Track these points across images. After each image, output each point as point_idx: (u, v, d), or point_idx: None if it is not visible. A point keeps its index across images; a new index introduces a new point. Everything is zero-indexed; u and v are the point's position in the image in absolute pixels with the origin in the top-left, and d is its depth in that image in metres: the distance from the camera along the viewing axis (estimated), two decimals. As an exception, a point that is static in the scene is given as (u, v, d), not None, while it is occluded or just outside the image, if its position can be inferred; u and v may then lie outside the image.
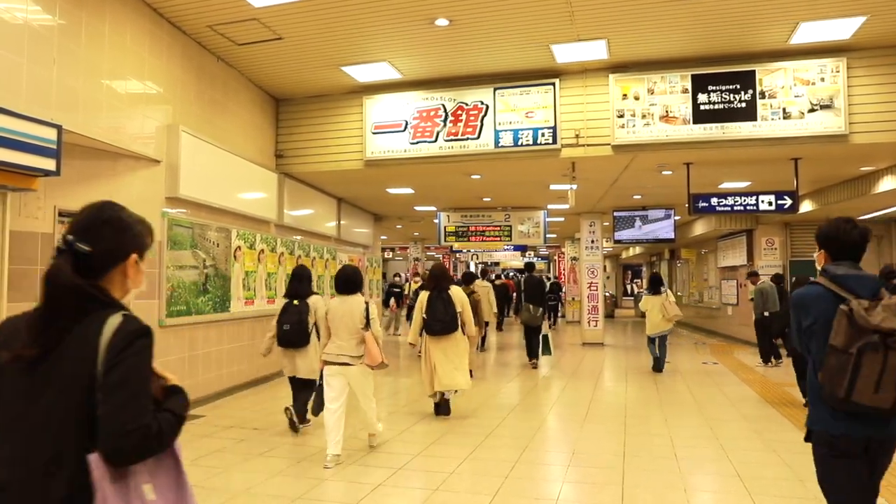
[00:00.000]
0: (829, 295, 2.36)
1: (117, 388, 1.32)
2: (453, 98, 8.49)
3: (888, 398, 2.21)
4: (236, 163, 8.07)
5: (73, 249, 1.44)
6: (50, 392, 1.34)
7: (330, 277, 11.41)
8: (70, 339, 1.37)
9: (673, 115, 7.83)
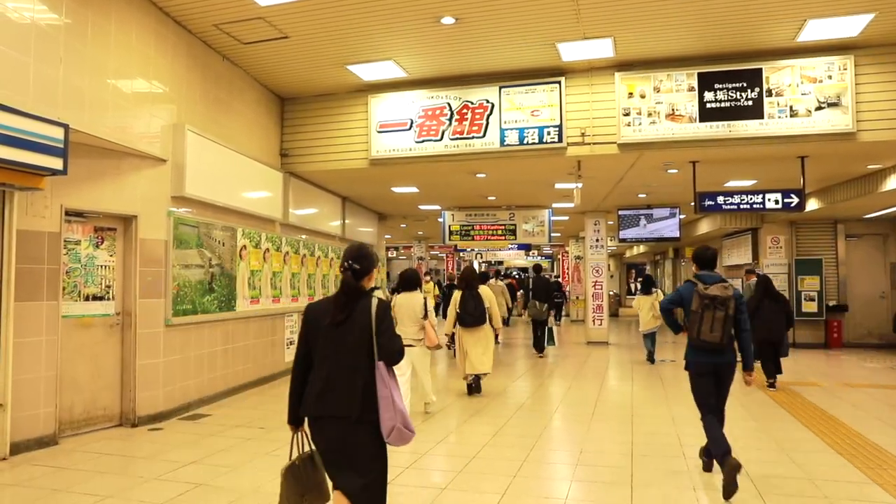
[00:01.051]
0: (692, 286, 4.51)
1: (385, 332, 2.74)
2: (459, 97, 8.47)
3: (717, 336, 4.30)
4: (242, 162, 8.06)
5: (352, 267, 2.83)
6: (351, 336, 2.73)
7: (335, 276, 11.41)
8: (357, 310, 2.76)
9: (679, 114, 7.81)
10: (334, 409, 2.71)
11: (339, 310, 2.76)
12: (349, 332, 2.73)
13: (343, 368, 2.72)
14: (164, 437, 5.68)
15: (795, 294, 13.23)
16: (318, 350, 2.78)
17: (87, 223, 5.89)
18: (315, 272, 10.47)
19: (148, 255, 6.29)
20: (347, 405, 2.69)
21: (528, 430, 6.01)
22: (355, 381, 2.70)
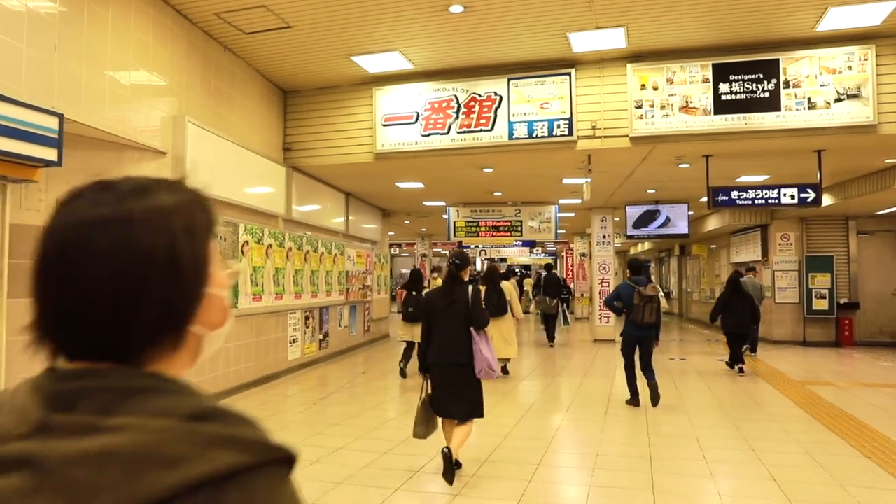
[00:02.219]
0: (630, 285, 6.87)
1: (476, 308, 4.33)
2: (466, 89, 8.26)
3: (652, 319, 6.73)
4: (243, 155, 7.86)
5: (454, 263, 4.46)
6: (455, 312, 4.33)
7: (338, 273, 11.23)
8: (459, 294, 4.39)
9: (693, 106, 7.59)
10: (449, 360, 4.37)
11: (449, 292, 4.49)
12: (455, 309, 4.40)
13: (452, 332, 4.38)
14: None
15: (806, 292, 13.02)
16: (435, 322, 4.47)
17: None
18: (318, 269, 10.27)
19: (147, 251, 6.09)
20: (457, 356, 4.33)
21: (539, 433, 5.82)
22: (459, 340, 4.35)
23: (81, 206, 0.63)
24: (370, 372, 9.67)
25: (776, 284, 13.40)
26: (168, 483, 0.50)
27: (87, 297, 0.60)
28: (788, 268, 13.39)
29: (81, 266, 0.60)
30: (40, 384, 0.60)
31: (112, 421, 0.54)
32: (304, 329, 9.67)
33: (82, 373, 0.59)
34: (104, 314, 0.60)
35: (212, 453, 0.53)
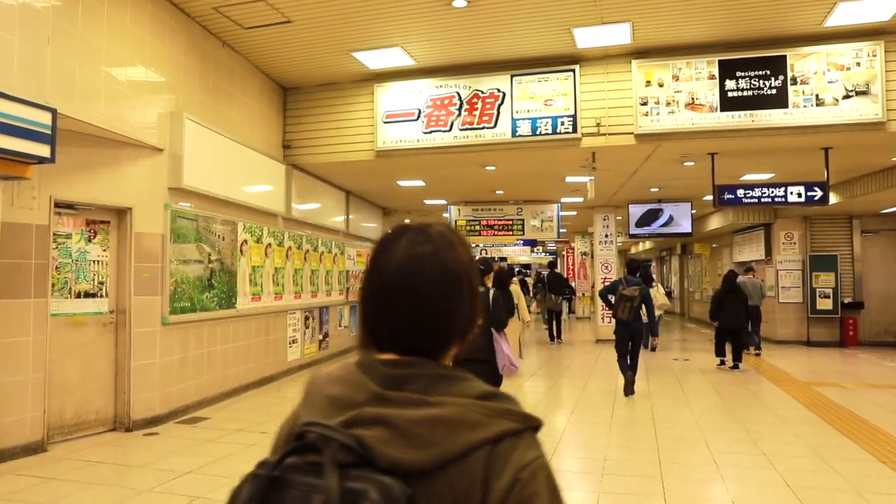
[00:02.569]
0: (620, 282, 7.76)
1: (497, 310, 4.70)
2: (468, 85, 8.13)
3: (625, 316, 7.47)
4: (243, 153, 7.73)
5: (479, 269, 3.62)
6: None
7: (339, 272, 11.10)
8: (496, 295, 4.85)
9: (699, 103, 7.46)
10: (472, 355, 4.27)
11: None
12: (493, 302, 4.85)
13: None
14: (159, 443, 5.36)
15: (810, 291, 12.91)
16: None
17: (79, 216, 5.56)
18: (318, 268, 10.15)
19: (143, 250, 5.96)
20: (482, 352, 4.58)
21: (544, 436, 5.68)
22: (481, 339, 4.55)
23: (407, 245, 0.89)
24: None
25: (780, 284, 13.29)
26: (472, 440, 0.76)
27: (420, 311, 0.86)
28: (792, 267, 13.28)
29: (416, 286, 0.86)
30: (371, 367, 0.84)
31: (433, 399, 0.79)
32: (303, 329, 9.54)
33: (403, 363, 0.85)
34: (430, 326, 0.87)
35: (496, 421, 0.79)
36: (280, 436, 0.89)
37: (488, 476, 0.76)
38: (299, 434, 0.78)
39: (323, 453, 0.74)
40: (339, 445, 0.75)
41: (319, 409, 0.83)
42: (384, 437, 0.76)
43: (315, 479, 0.74)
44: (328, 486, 0.71)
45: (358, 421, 0.77)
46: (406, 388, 0.81)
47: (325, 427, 0.76)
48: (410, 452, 0.75)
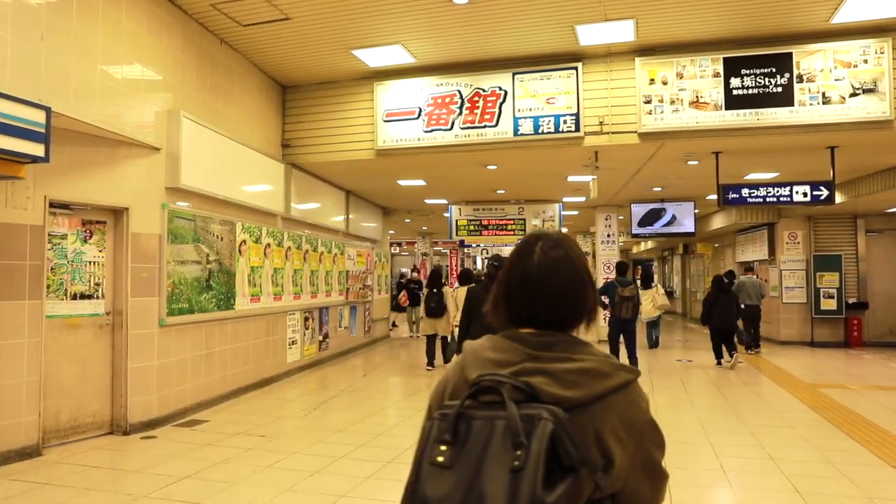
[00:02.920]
0: (615, 284, 8.64)
1: None
2: (470, 84, 8.03)
3: (628, 315, 8.46)
4: (241, 152, 7.64)
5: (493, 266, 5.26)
6: None
7: (338, 273, 11.02)
8: None
9: (704, 101, 7.37)
10: None
11: (487, 289, 4.76)
12: None
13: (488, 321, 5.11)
14: (157, 447, 5.27)
15: (814, 291, 12.80)
16: (475, 313, 5.18)
17: (74, 216, 5.47)
18: (318, 268, 10.06)
19: (140, 251, 5.88)
20: None
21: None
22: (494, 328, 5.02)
23: (543, 251, 1.20)
24: (372, 374, 9.46)
25: (783, 284, 13.20)
26: (608, 385, 1.06)
27: (558, 297, 1.17)
28: (796, 267, 13.18)
29: (556, 281, 1.18)
30: (520, 338, 1.16)
31: (575, 356, 1.09)
32: (303, 330, 9.45)
33: (545, 334, 1.16)
34: (564, 307, 1.18)
35: (619, 373, 1.09)
36: (439, 392, 1.25)
37: (622, 411, 1.09)
38: (475, 382, 1.09)
39: (499, 393, 1.05)
40: (512, 387, 1.06)
41: (482, 367, 1.14)
42: (545, 382, 1.07)
43: (493, 411, 1.04)
44: (510, 413, 1.01)
45: (522, 372, 1.10)
46: (552, 350, 1.14)
47: (500, 376, 1.08)
48: (566, 391, 1.06)
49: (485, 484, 0.98)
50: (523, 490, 0.95)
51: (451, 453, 1.03)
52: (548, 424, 0.99)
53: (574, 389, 1.06)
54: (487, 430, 1.03)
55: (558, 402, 1.04)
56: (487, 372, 1.10)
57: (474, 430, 1.04)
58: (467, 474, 1.00)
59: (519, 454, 0.98)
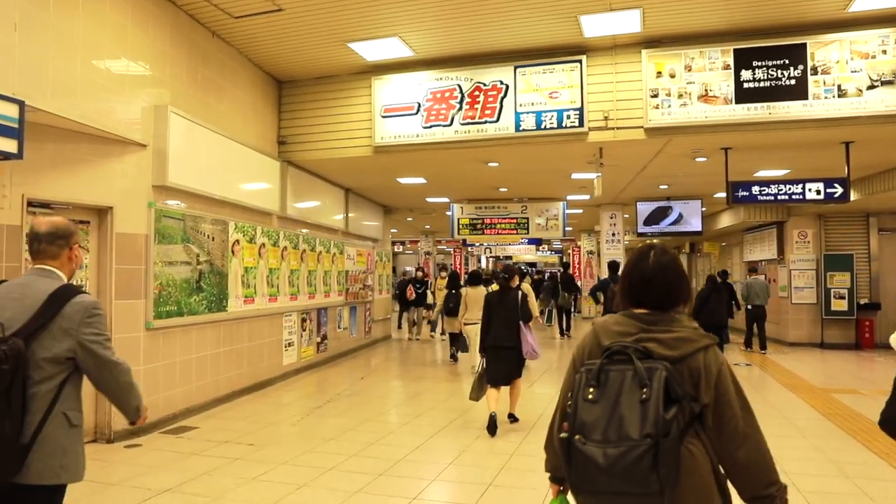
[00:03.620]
0: (608, 282, 9.28)
1: (524, 306, 5.96)
2: (470, 78, 7.77)
3: None
4: (234, 149, 7.41)
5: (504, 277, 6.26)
6: (506, 309, 5.90)
7: (337, 273, 10.79)
8: (510, 296, 6.00)
9: (713, 94, 7.08)
10: (502, 342, 5.80)
11: (502, 295, 6.00)
12: (507, 306, 5.89)
13: (505, 323, 5.84)
14: (140, 457, 5.05)
15: (824, 292, 12.48)
16: (493, 314, 5.92)
17: (55, 215, 5.24)
18: (316, 269, 9.82)
19: (126, 251, 5.65)
20: (509, 340, 5.78)
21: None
22: (511, 329, 5.79)
23: (656, 257, 1.82)
24: (371, 377, 9.22)
25: (792, 284, 12.88)
26: (696, 347, 1.67)
27: (666, 288, 1.79)
28: (805, 266, 12.86)
29: (665, 277, 1.80)
30: (636, 316, 1.78)
31: (674, 329, 1.72)
32: (300, 332, 9.22)
33: (654, 314, 1.77)
34: (670, 295, 1.79)
35: (703, 339, 1.70)
36: (580, 354, 1.85)
37: (705, 365, 1.65)
38: (607, 348, 1.69)
39: (626, 355, 1.64)
40: (635, 350, 1.64)
41: (611, 337, 1.74)
42: (656, 346, 1.66)
43: (623, 366, 1.62)
44: (637, 366, 1.59)
45: (640, 340, 1.68)
46: (659, 325, 1.72)
47: (625, 343, 1.68)
48: (670, 352, 1.65)
49: (622, 410, 1.57)
50: (650, 411, 1.53)
51: (596, 393, 1.62)
52: (662, 373, 1.58)
53: (675, 350, 1.67)
54: (621, 378, 1.61)
55: (665, 359, 1.64)
56: (615, 341, 1.72)
57: (611, 378, 1.63)
58: (609, 405, 1.59)
59: (645, 391, 1.56)
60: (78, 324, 2.13)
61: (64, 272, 2.29)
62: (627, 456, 1.52)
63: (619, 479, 1.53)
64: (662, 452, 1.51)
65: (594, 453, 1.55)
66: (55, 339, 2.11)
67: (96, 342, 2.16)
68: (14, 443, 1.99)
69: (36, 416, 2.06)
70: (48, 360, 2.10)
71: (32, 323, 2.08)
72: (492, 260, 35.71)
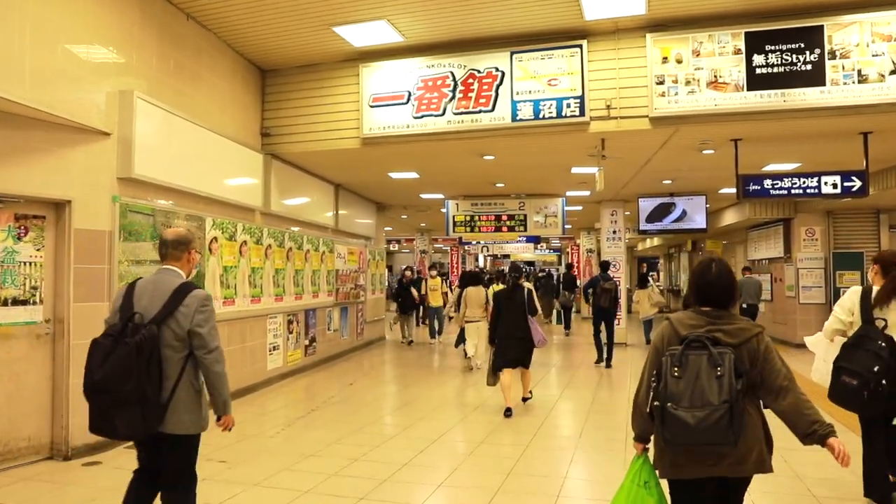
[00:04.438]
0: (598, 279, 10.45)
1: (531, 302, 6.78)
2: (463, 64, 7.30)
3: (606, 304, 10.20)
4: (212, 140, 6.94)
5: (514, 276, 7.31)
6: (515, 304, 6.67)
7: (327, 272, 10.32)
8: (518, 292, 6.80)
9: (723, 81, 6.62)
10: (515, 333, 6.53)
11: (511, 292, 6.71)
12: (516, 302, 6.63)
13: (514, 318, 6.57)
14: (97, 477, 4.57)
15: (833, 291, 12.03)
16: (503, 310, 6.60)
17: (6, 210, 4.77)
18: (304, 268, 9.35)
19: (86, 249, 5.16)
20: (518, 332, 6.52)
21: (548, 468, 4.90)
22: (521, 322, 6.55)
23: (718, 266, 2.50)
24: (361, 382, 8.75)
25: (800, 283, 12.43)
26: (749, 335, 2.32)
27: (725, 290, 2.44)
28: (814, 265, 12.41)
29: (724, 282, 2.44)
30: (704, 312, 2.42)
31: (734, 321, 2.38)
32: (286, 335, 8.74)
33: (717, 311, 2.41)
34: (727, 297, 2.44)
35: (755, 328, 2.37)
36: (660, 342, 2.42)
37: (757, 347, 2.30)
38: (685, 337, 2.31)
39: (701, 342, 2.26)
40: (707, 338, 2.26)
41: (686, 328, 2.35)
42: (722, 335, 2.28)
43: (699, 351, 2.25)
44: (711, 351, 2.23)
45: (710, 331, 2.30)
46: (723, 319, 2.35)
47: (699, 333, 2.30)
48: (733, 340, 2.28)
49: (703, 384, 2.20)
50: (725, 384, 2.17)
51: (680, 371, 2.25)
52: (730, 355, 2.23)
53: (736, 338, 2.30)
54: (699, 360, 2.24)
55: (730, 345, 2.27)
56: (691, 332, 2.33)
57: (690, 360, 2.26)
58: (691, 380, 2.22)
59: (719, 369, 2.20)
60: (193, 311, 2.74)
61: (184, 271, 2.99)
62: (710, 417, 2.16)
63: (705, 435, 2.18)
64: (735, 413, 2.17)
65: (684, 416, 2.19)
66: (179, 324, 2.73)
67: (202, 327, 2.75)
68: (156, 402, 2.64)
69: (169, 382, 2.71)
70: (175, 340, 2.73)
71: (163, 311, 2.72)
72: (489, 259, 35.24)
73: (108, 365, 2.58)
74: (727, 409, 2.13)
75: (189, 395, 2.74)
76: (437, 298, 12.70)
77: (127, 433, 2.73)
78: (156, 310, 2.71)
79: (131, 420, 2.62)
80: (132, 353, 2.58)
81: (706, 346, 2.24)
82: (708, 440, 2.17)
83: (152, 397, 2.61)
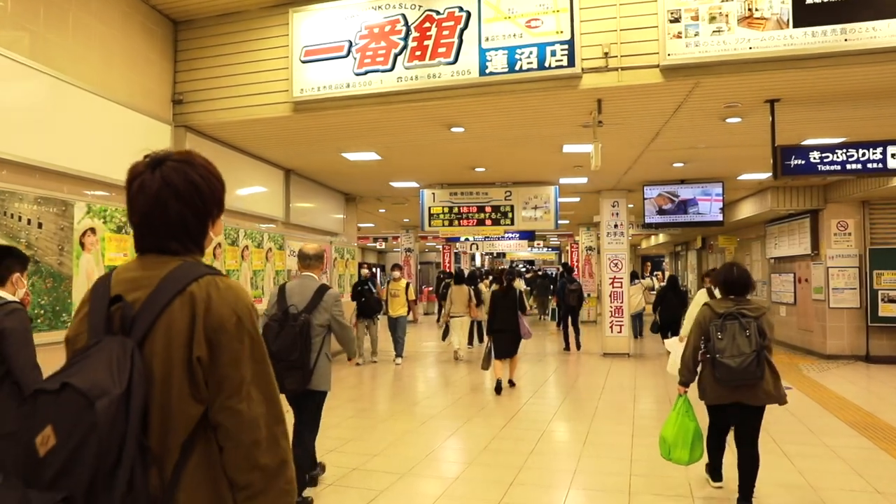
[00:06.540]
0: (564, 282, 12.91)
1: (520, 302, 8.02)
2: (418, 5, 5.64)
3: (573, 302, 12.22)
4: (94, 104, 5.32)
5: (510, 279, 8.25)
6: (509, 302, 7.86)
7: (275, 273, 8.67)
8: (511, 292, 7.97)
9: (761, 16, 4.94)
10: (507, 327, 7.76)
11: (506, 292, 7.85)
12: (509, 301, 7.78)
13: (508, 314, 7.74)
14: None
15: (869, 294, 10.33)
16: (498, 307, 7.79)
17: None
18: (238, 268, 7.70)
19: None
20: (510, 326, 7.75)
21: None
22: (513, 318, 7.74)
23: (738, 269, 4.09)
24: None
25: (830, 285, 10.72)
26: (762, 311, 3.96)
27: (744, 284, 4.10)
28: (846, 264, 10.70)
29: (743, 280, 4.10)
30: (731, 299, 4.03)
31: (752, 302, 4.04)
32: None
33: (739, 298, 4.02)
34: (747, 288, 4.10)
35: (762, 307, 4.02)
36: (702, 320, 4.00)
37: (766, 319, 3.90)
38: (721, 313, 3.91)
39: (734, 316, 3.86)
40: (737, 312, 3.86)
41: (720, 308, 3.95)
42: (746, 311, 3.87)
43: (733, 321, 3.85)
44: (740, 321, 3.82)
45: (738, 309, 3.89)
46: (744, 302, 3.95)
47: (731, 311, 3.88)
48: (753, 314, 3.86)
49: (738, 341, 3.75)
50: (753, 340, 3.72)
51: (721, 334, 3.81)
52: (754, 323, 3.77)
53: (755, 313, 3.83)
54: (733, 327, 3.79)
55: (752, 317, 3.80)
56: (725, 310, 3.88)
57: (727, 327, 3.81)
58: (729, 340, 3.78)
59: (748, 332, 3.75)
60: (331, 305, 4.07)
61: (319, 276, 4.28)
62: (745, 360, 3.68)
63: (742, 374, 3.70)
64: (761, 359, 3.71)
65: (729, 362, 3.71)
66: (320, 314, 4.04)
67: (339, 316, 4.11)
68: (307, 368, 3.90)
69: (314, 354, 3.98)
70: (318, 325, 4.03)
71: (310, 305, 4.01)
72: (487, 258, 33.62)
73: (280, 340, 3.82)
74: (755, 355, 3.70)
75: (325, 363, 4.07)
76: (399, 306, 10.28)
77: (291, 388, 3.88)
78: (305, 304, 4.00)
79: (295, 378, 3.86)
80: (297, 333, 3.85)
81: (737, 317, 3.81)
82: (744, 377, 3.71)
83: (307, 364, 3.87)
